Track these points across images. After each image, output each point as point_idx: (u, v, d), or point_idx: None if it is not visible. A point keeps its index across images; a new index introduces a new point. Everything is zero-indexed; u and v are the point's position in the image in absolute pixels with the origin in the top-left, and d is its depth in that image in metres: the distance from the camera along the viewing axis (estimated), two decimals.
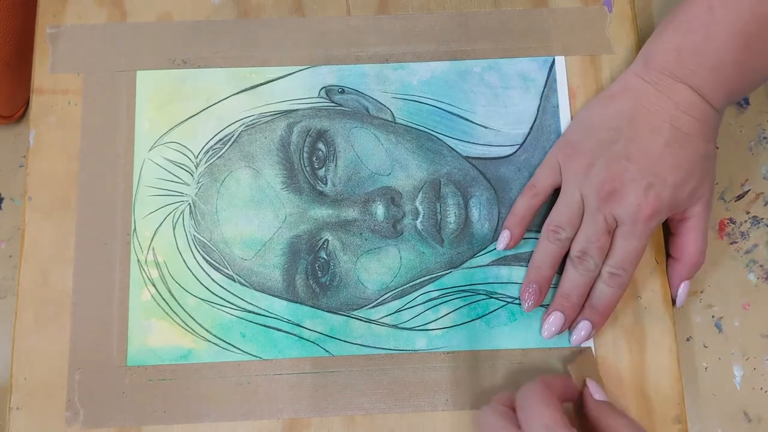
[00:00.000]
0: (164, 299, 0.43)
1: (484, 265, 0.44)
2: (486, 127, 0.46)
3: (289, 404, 0.42)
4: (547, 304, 0.43)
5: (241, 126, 0.46)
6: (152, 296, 0.43)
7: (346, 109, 0.46)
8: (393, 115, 0.46)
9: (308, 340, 0.43)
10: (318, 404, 0.42)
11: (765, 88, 0.49)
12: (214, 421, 0.42)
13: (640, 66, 0.43)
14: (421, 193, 0.45)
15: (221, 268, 0.44)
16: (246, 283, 0.44)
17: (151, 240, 0.44)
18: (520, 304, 0.44)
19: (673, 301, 0.44)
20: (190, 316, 0.43)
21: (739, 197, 0.47)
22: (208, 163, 0.45)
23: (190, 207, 0.45)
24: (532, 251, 0.44)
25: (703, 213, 0.42)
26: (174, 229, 0.44)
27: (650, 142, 0.41)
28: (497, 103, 0.47)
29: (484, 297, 0.44)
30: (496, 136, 0.46)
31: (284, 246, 0.44)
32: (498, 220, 0.45)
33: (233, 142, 0.46)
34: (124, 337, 0.43)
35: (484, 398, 0.42)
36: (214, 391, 0.42)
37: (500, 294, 0.44)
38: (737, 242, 0.47)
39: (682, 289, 0.43)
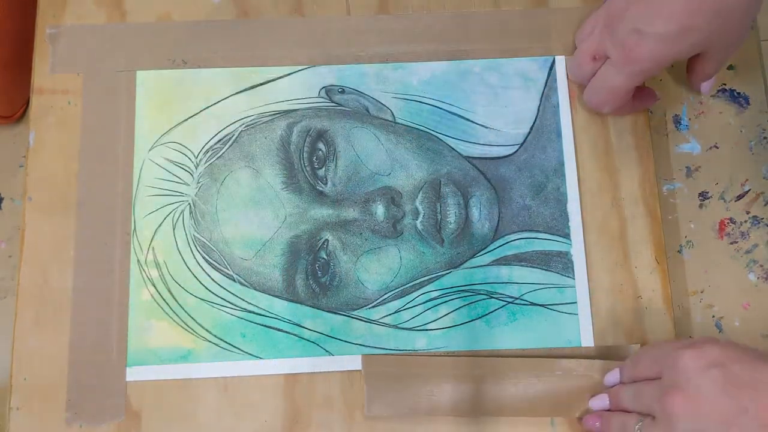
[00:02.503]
0: (164, 299, 0.43)
1: (484, 265, 0.44)
2: (486, 127, 0.46)
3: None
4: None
5: (241, 126, 0.46)
6: (152, 296, 0.43)
7: (346, 109, 0.46)
8: (393, 115, 0.46)
9: (308, 340, 0.43)
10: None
11: (765, 88, 0.49)
12: (214, 421, 0.42)
13: None
14: (421, 192, 0.45)
15: (221, 268, 0.44)
16: (246, 283, 0.44)
17: (151, 240, 0.44)
18: (519, 304, 0.44)
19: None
20: (190, 316, 0.43)
21: (739, 197, 0.47)
22: (208, 163, 0.45)
23: (190, 207, 0.45)
24: (532, 251, 0.44)
25: (711, 55, 0.41)
26: (174, 229, 0.44)
27: None
28: (497, 103, 0.47)
29: (484, 297, 0.44)
30: (496, 136, 0.46)
31: (284, 246, 0.44)
32: (498, 220, 0.45)
33: (233, 142, 0.45)
34: (124, 337, 0.43)
35: (484, 398, 0.42)
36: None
37: (500, 294, 0.44)
38: (737, 242, 0.47)
39: (703, 86, 0.44)
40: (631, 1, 0.39)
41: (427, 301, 0.44)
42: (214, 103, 0.46)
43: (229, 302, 0.43)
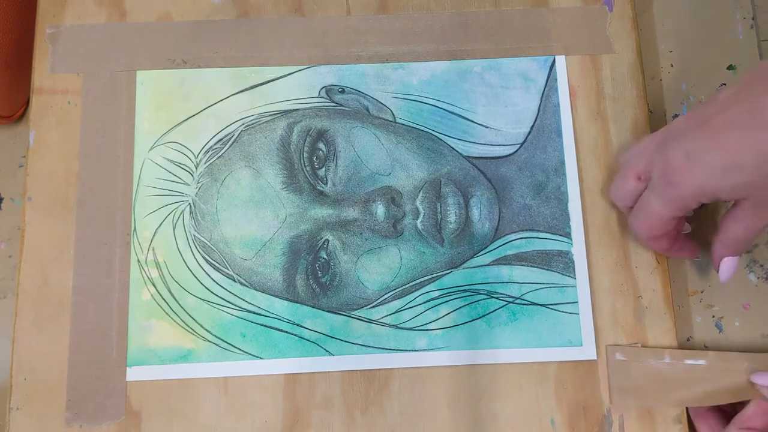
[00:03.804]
0: (164, 299, 0.43)
1: (485, 265, 0.44)
2: (486, 127, 0.46)
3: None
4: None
5: (241, 126, 0.46)
6: (152, 296, 0.43)
7: (347, 108, 0.46)
8: (393, 114, 0.46)
9: (308, 340, 0.43)
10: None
11: None
12: (214, 421, 0.42)
13: None
14: (421, 192, 0.45)
15: (221, 268, 0.44)
16: (246, 283, 0.44)
17: (151, 240, 0.44)
18: (520, 303, 0.44)
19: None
20: (190, 316, 0.43)
21: None
22: (208, 163, 0.45)
23: (190, 207, 0.45)
24: (533, 251, 0.44)
25: (749, 210, 0.38)
26: (174, 229, 0.44)
27: (718, 114, 0.36)
28: (498, 103, 0.47)
29: (485, 297, 0.44)
30: (496, 136, 0.46)
31: (284, 246, 0.44)
32: (498, 220, 0.45)
33: (233, 142, 0.46)
34: (124, 337, 0.43)
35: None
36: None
37: (501, 294, 0.44)
38: None
39: (723, 265, 0.41)
40: (690, 126, 0.38)
41: (427, 301, 0.44)
42: (214, 103, 0.46)
43: (229, 302, 0.43)
